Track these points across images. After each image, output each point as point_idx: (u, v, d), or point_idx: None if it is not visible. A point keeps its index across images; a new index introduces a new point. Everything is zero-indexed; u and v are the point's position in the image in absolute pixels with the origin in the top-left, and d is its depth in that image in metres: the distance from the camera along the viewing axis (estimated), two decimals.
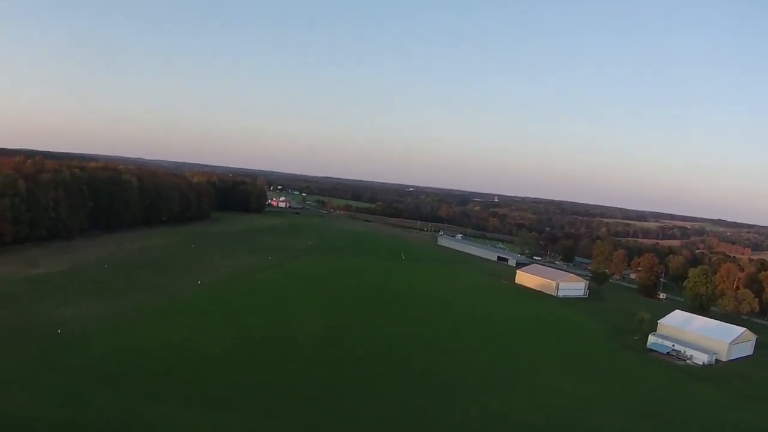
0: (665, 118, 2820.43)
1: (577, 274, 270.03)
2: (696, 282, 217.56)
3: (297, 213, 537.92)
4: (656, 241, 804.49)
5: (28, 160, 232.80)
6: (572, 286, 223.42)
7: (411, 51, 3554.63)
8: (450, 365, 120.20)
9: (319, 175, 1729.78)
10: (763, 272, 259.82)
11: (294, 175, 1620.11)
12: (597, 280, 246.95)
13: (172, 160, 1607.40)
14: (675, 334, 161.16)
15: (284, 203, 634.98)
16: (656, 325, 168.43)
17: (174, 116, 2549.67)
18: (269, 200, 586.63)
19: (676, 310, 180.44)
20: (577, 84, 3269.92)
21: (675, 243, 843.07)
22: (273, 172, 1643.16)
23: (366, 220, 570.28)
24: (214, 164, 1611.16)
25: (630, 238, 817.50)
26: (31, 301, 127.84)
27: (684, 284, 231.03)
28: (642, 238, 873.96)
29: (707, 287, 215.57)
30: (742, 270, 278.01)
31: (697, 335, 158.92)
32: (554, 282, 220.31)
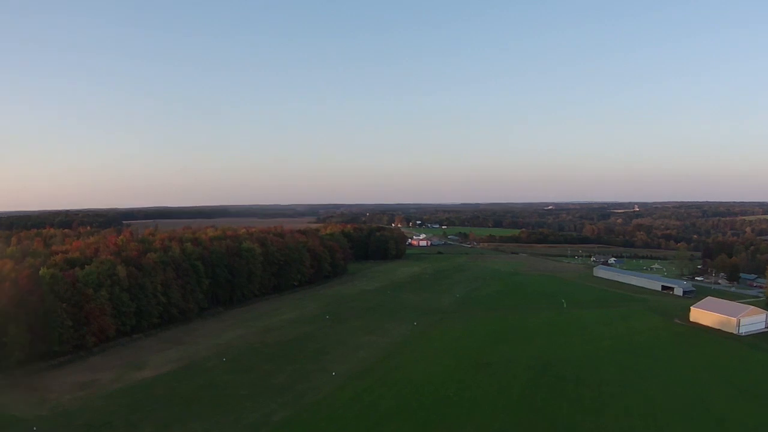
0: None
1: (750, 297, 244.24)
2: None
3: (440, 252, 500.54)
4: None
5: (131, 241, 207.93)
6: (753, 320, 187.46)
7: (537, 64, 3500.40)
8: None
9: (457, 202, 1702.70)
10: None
11: (431, 205, 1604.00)
12: None
13: (307, 203, 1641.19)
14: None
15: (425, 242, 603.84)
16: None
17: (308, 158, 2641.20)
18: (409, 240, 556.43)
19: None
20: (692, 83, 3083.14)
21: None
22: (410, 204, 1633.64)
23: (513, 252, 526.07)
24: (350, 203, 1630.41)
25: None
26: (126, 427, 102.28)
27: None
28: None
29: None
30: None
31: None
32: (734, 318, 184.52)
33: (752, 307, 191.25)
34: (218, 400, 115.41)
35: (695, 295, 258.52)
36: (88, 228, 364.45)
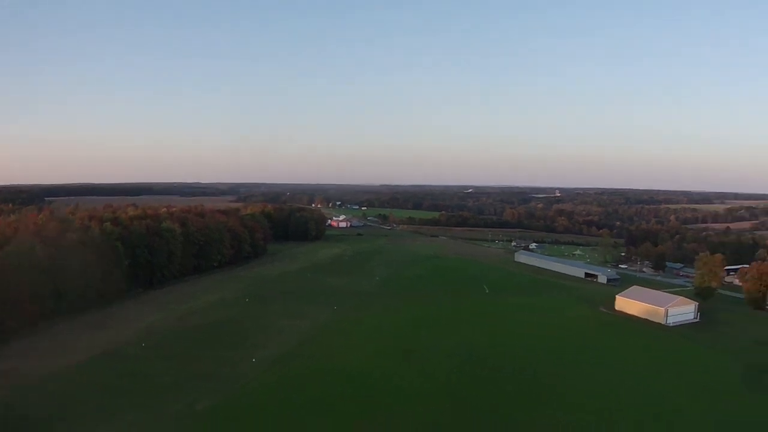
0: (722, 95, 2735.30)
1: (677, 287, 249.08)
2: None
3: (359, 234, 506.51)
4: (727, 225, 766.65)
5: (51, 221, 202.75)
6: (682, 310, 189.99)
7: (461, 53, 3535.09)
8: None
9: (377, 183, 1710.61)
10: None
11: (352, 186, 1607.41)
12: (702, 296, 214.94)
13: (229, 181, 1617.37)
14: None
15: (345, 222, 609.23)
16: None
17: (231, 137, 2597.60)
18: (329, 221, 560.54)
19: None
20: (631, 67, 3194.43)
21: (745, 225, 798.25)
22: (330, 184, 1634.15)
23: (432, 235, 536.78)
24: (271, 182, 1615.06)
25: (700, 224, 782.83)
26: (45, 420, 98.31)
27: None
28: (712, 223, 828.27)
29: None
30: None
31: None
32: (662, 309, 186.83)
33: (681, 297, 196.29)
34: (141, 389, 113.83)
35: (620, 283, 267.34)
36: (10, 206, 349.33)
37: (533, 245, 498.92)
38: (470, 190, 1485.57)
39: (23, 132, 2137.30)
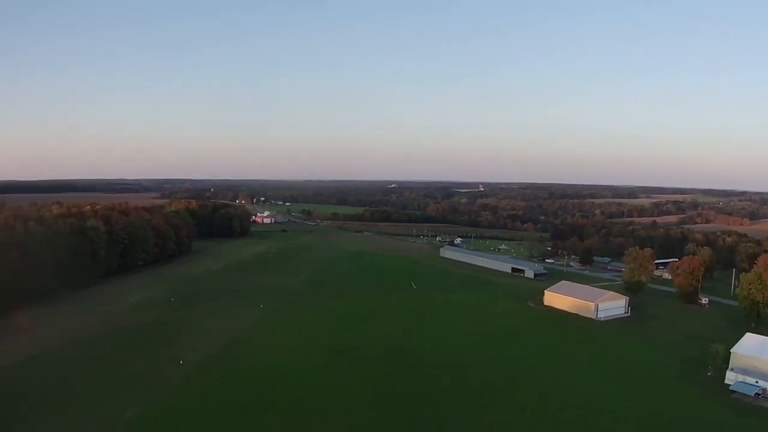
0: (644, 90, 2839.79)
1: (605, 281, 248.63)
2: (751, 289, 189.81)
3: (284, 231, 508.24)
4: (653, 219, 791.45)
5: None
6: (613, 305, 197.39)
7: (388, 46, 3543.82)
8: None
9: (300, 179, 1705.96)
10: None
11: (276, 181, 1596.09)
12: (632, 290, 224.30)
13: (154, 177, 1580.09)
14: (755, 365, 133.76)
15: (269, 219, 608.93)
16: (728, 354, 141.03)
17: (155, 132, 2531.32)
18: (253, 217, 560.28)
19: (748, 334, 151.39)
20: (551, 63, 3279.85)
21: (672, 219, 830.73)
22: (255, 180, 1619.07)
23: (357, 231, 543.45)
24: (195, 178, 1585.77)
25: (626, 218, 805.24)
26: None
27: (737, 292, 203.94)
28: (638, 217, 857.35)
29: (764, 294, 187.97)
30: None
31: None
32: (593, 303, 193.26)
33: (611, 292, 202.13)
34: (68, 396, 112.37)
35: (547, 278, 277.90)
36: None
37: (458, 240, 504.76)
38: (394, 185, 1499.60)
39: None
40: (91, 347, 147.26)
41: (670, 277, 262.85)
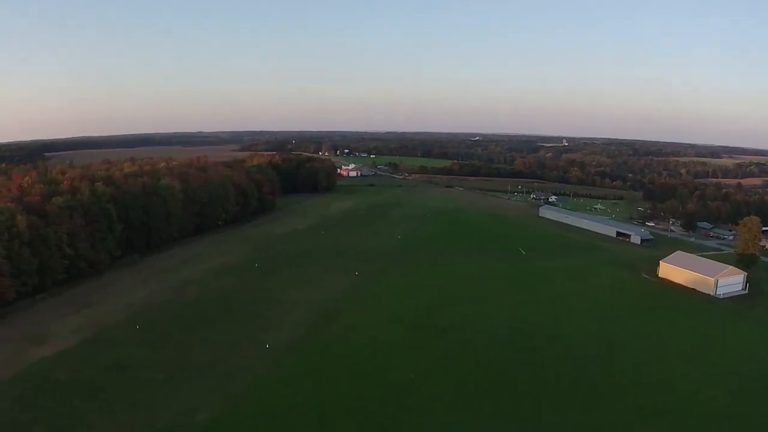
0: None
1: (711, 250, 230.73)
2: None
3: (371, 185, 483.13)
4: (738, 180, 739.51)
5: (36, 183, 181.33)
6: (731, 281, 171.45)
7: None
8: None
9: (382, 130, 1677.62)
10: None
11: (357, 132, 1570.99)
12: (746, 264, 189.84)
13: (231, 130, 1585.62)
14: None
15: (355, 171, 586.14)
16: None
17: (230, 86, 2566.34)
18: (338, 170, 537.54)
19: None
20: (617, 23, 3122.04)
21: (755, 181, 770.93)
22: (335, 131, 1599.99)
23: (447, 186, 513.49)
24: (274, 129, 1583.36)
25: (711, 179, 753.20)
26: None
27: None
28: (722, 178, 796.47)
29: None
30: None
31: None
32: (712, 279, 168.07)
33: (731, 267, 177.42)
34: (127, 389, 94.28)
35: (653, 244, 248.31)
36: (3, 165, 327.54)
37: (553, 197, 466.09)
38: (477, 138, 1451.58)
39: (23, 86, 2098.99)
40: (158, 324, 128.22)
41: None
